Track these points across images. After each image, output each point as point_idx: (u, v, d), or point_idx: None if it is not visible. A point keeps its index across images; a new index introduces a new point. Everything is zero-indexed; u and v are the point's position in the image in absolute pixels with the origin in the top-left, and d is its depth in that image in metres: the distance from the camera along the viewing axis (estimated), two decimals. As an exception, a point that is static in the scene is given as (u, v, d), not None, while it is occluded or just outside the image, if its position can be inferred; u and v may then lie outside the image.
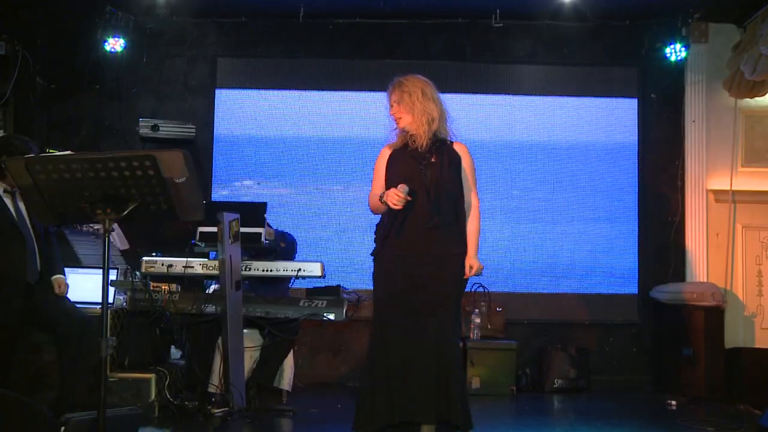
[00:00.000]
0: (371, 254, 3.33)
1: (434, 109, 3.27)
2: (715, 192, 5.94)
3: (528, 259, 5.99)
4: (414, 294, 3.15)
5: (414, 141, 3.27)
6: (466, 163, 3.32)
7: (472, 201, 3.34)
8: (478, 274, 3.29)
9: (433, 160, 3.24)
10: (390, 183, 3.23)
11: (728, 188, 5.91)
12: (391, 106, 3.32)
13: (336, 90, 6.07)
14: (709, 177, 5.96)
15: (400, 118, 3.29)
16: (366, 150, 5.85)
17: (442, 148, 3.27)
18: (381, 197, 3.18)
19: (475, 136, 6.05)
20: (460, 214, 3.28)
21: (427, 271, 3.16)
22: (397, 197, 3.10)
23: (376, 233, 3.34)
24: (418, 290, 3.15)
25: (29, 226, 3.69)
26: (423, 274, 3.16)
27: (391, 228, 3.22)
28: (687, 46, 5.83)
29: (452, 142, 3.33)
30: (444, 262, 3.20)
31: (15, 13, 5.27)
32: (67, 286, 3.82)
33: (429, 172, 3.22)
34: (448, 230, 3.22)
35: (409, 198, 3.12)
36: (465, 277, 3.27)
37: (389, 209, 3.17)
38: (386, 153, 3.34)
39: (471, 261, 3.26)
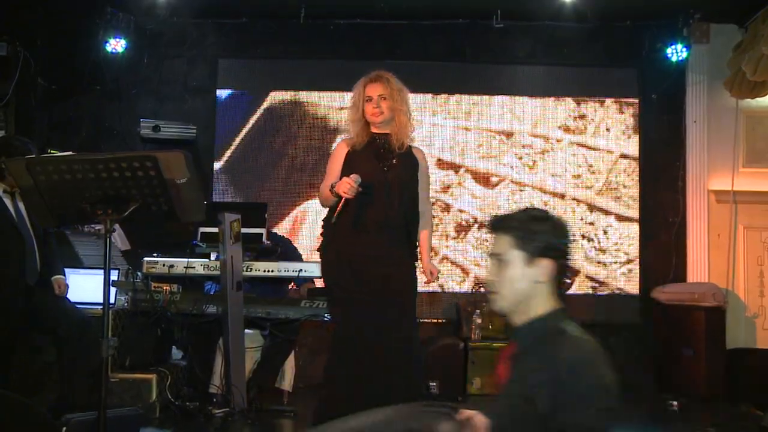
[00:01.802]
0: (318, 249, 3.27)
1: (411, 114, 3.26)
2: (717, 192, 5.94)
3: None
4: (370, 294, 3.10)
5: (386, 141, 3.19)
6: (423, 168, 3.28)
7: (427, 207, 3.32)
8: (437, 279, 3.33)
9: (395, 162, 3.19)
10: None
11: (729, 189, 5.90)
12: (370, 98, 3.19)
13: (336, 91, 6.06)
14: (711, 177, 5.95)
15: (381, 113, 3.19)
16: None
17: (404, 153, 3.22)
18: (332, 187, 3.09)
19: (474, 137, 6.07)
20: (411, 220, 3.23)
21: (381, 272, 3.12)
22: (348, 185, 3.01)
23: (323, 227, 3.27)
24: (374, 291, 3.10)
25: (29, 226, 3.68)
26: (377, 275, 3.11)
27: (344, 226, 3.12)
28: (688, 47, 5.82)
29: (411, 147, 3.28)
30: (395, 263, 3.16)
31: (16, 13, 5.28)
32: (66, 286, 3.83)
33: (390, 174, 3.17)
34: (397, 233, 3.18)
35: (361, 189, 3.03)
36: (427, 282, 3.28)
37: (342, 206, 3.06)
38: (343, 148, 3.24)
39: (431, 267, 3.27)
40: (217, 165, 6.02)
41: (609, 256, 6.00)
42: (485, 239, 5.96)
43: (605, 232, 6.02)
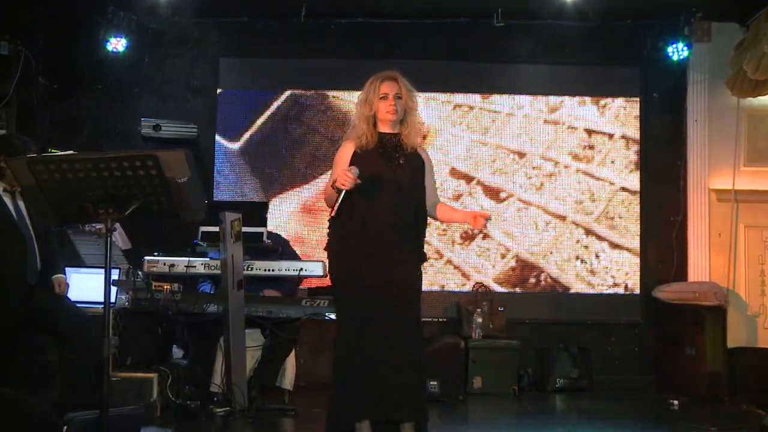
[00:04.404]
0: (325, 248, 3.26)
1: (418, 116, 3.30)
2: (718, 191, 5.93)
3: (530, 258, 5.99)
4: (380, 294, 3.11)
5: (395, 141, 3.21)
6: (429, 167, 3.31)
7: (437, 198, 3.38)
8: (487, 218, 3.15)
9: (402, 162, 3.21)
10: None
11: (731, 188, 5.89)
12: (386, 96, 3.18)
13: (337, 90, 6.06)
14: (712, 176, 5.95)
15: (396, 112, 3.19)
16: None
17: (410, 153, 3.23)
18: (334, 182, 3.08)
19: (476, 136, 6.08)
20: (420, 220, 3.24)
21: (392, 271, 3.12)
22: (345, 176, 3.00)
23: (330, 228, 3.26)
24: (384, 290, 3.11)
25: (29, 225, 3.67)
26: (387, 274, 3.12)
27: (351, 225, 3.14)
28: (689, 45, 5.81)
29: (417, 147, 3.28)
30: (404, 263, 3.17)
31: (17, 13, 5.28)
32: (67, 285, 3.82)
33: (399, 173, 3.18)
34: (407, 233, 3.18)
35: (359, 181, 3.02)
36: (482, 226, 3.13)
37: (342, 198, 3.04)
38: (349, 148, 3.22)
39: (474, 212, 3.20)
40: (218, 164, 6.02)
41: (609, 256, 6.00)
42: (488, 248, 5.97)
43: (601, 237, 6.02)
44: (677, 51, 5.83)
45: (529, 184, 6.05)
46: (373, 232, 3.14)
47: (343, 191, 3.03)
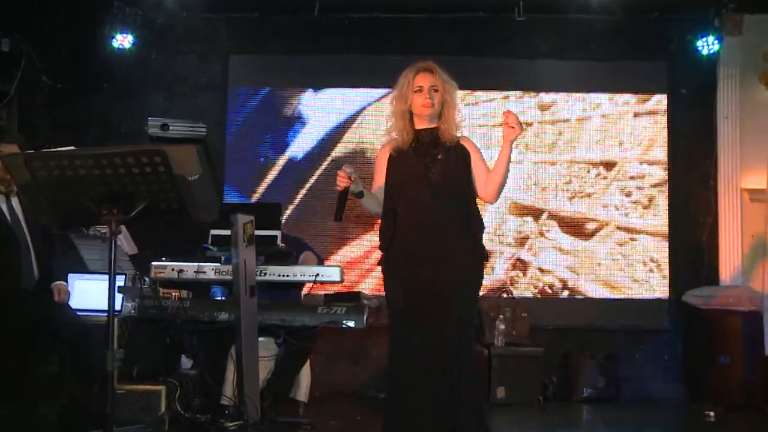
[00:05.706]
0: (378, 262, 3.14)
1: (459, 109, 3.10)
2: (750, 191, 5.71)
3: (554, 262, 5.76)
4: (421, 298, 2.95)
5: (433, 135, 3.05)
6: (476, 154, 3.09)
7: None
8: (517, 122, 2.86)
9: (439, 157, 3.04)
10: (394, 185, 3.05)
11: (764, 187, 5.65)
12: (421, 88, 3.02)
13: (351, 87, 5.89)
14: (744, 175, 5.73)
15: (432, 105, 3.03)
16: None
17: (450, 146, 3.06)
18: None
19: (497, 134, 5.86)
20: (470, 213, 3.04)
21: (433, 274, 2.95)
22: (339, 177, 2.92)
23: (380, 237, 3.13)
24: (423, 294, 2.95)
25: (25, 229, 3.53)
26: (428, 276, 2.95)
27: (395, 230, 3.02)
28: (720, 39, 5.60)
29: (459, 138, 3.10)
30: (450, 261, 2.96)
31: (18, 8, 5.12)
32: (68, 293, 3.67)
33: (434, 170, 3.02)
34: (454, 229, 2.99)
35: (351, 178, 2.92)
36: (514, 129, 2.86)
37: (339, 200, 2.98)
38: (385, 152, 3.12)
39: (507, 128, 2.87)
40: (228, 164, 5.83)
41: (636, 258, 5.77)
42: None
43: (633, 235, 5.79)
44: (707, 45, 5.62)
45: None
46: (413, 234, 3.00)
47: (344, 193, 2.95)
